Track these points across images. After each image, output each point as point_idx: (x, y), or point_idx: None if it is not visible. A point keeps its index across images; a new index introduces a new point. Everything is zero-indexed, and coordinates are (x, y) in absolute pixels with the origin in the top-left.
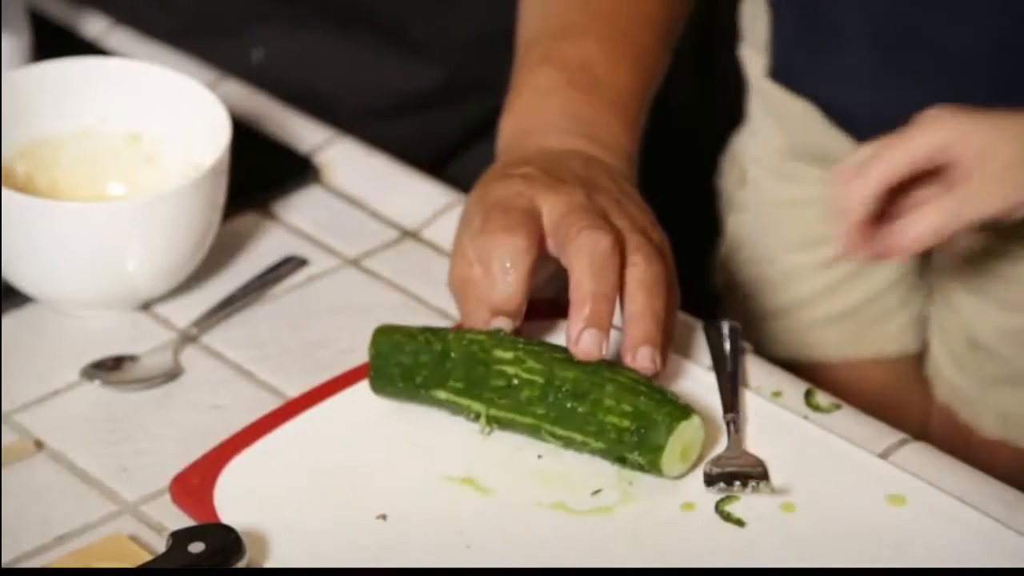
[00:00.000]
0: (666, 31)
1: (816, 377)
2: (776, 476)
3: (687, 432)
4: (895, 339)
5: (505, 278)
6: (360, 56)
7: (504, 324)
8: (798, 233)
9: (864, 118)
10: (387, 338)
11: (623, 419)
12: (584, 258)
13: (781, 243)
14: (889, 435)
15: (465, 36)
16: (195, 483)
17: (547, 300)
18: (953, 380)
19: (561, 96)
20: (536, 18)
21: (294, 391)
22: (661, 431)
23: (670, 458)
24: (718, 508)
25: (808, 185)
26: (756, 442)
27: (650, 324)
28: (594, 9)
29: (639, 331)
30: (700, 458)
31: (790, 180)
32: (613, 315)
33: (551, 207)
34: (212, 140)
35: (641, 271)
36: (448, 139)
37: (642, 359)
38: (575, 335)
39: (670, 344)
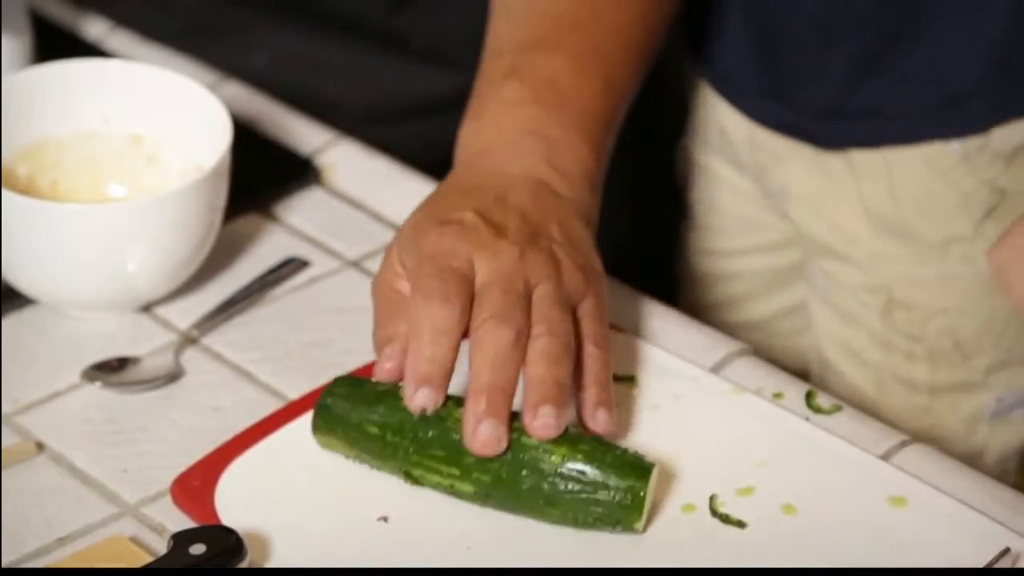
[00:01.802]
0: (641, 49)
1: None
2: (777, 477)
3: (650, 497)
4: (801, 355)
5: (435, 349)
6: (363, 61)
7: (427, 398)
8: (711, 242)
9: (749, 90)
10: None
11: (596, 521)
12: (485, 351)
13: (699, 248)
14: (890, 436)
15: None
16: (196, 485)
17: None
18: None
19: (526, 113)
20: (504, 27)
21: (295, 393)
22: (635, 519)
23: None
24: (716, 511)
25: (715, 188)
26: (757, 443)
27: (549, 388)
28: (565, 23)
29: (536, 394)
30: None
31: (707, 181)
32: (511, 406)
33: (482, 270)
34: (213, 142)
35: (544, 343)
36: (453, 145)
37: (541, 418)
38: (471, 429)
39: (609, 399)
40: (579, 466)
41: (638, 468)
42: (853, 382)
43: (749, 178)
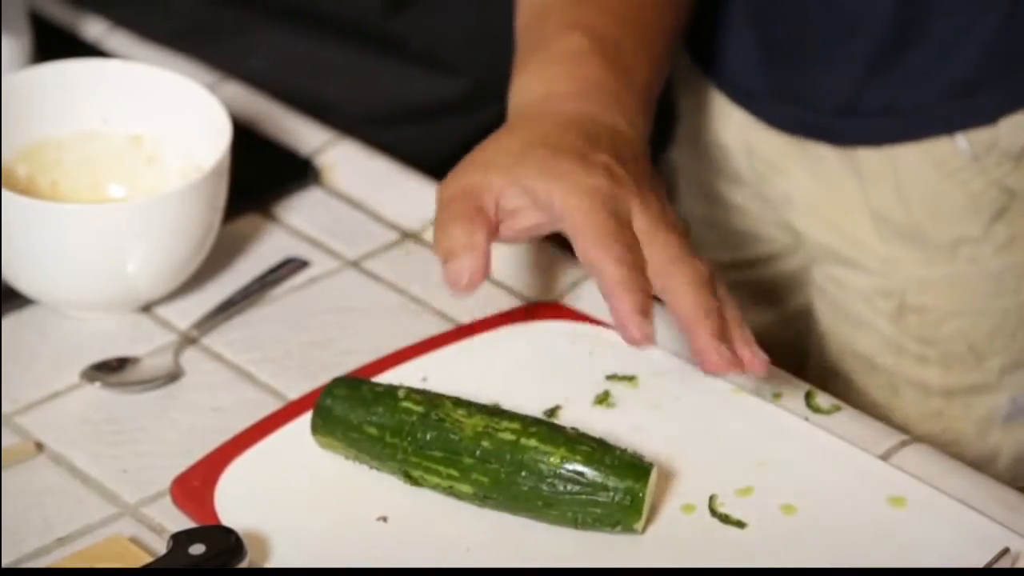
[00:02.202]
0: (670, 30)
1: None
2: (776, 477)
3: (649, 498)
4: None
5: (641, 283)
6: (362, 64)
7: (647, 327)
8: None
9: (757, 91)
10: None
11: (595, 522)
12: (694, 280)
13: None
14: (890, 436)
15: (489, 46)
16: (196, 485)
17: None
18: None
19: (594, 63)
20: None
21: (295, 393)
22: (634, 520)
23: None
24: (716, 511)
25: (707, 204)
26: (756, 443)
27: (713, 323)
28: None
29: (706, 335)
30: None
31: (700, 197)
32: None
33: (641, 218)
34: (213, 142)
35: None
36: (452, 147)
37: (720, 356)
38: (712, 350)
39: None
40: (578, 467)
41: (637, 469)
42: (864, 387)
43: (745, 190)
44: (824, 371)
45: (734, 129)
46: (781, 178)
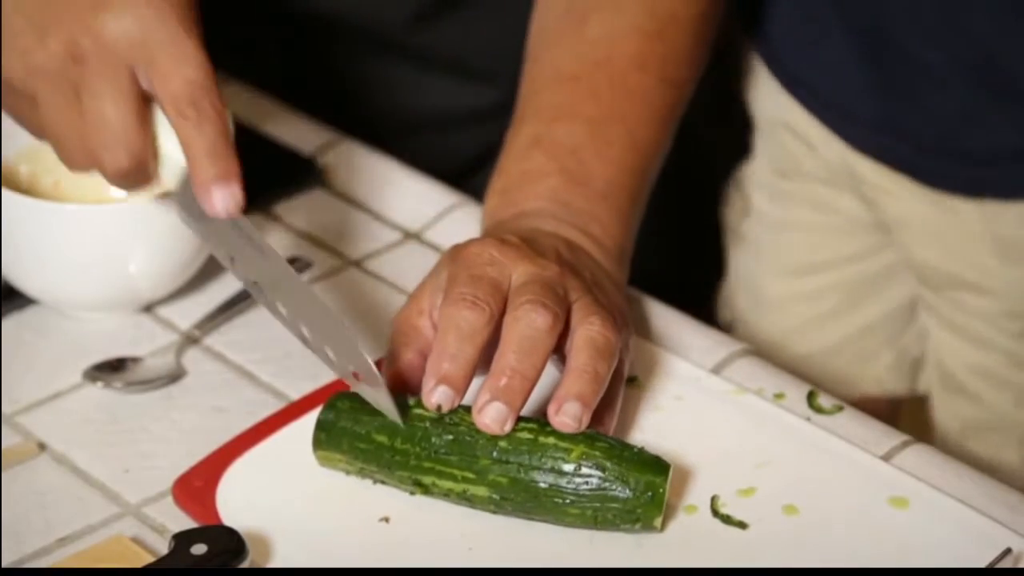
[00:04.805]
0: (665, 107)
1: None
2: (778, 478)
3: (665, 496)
4: (879, 381)
5: (458, 348)
6: (382, 74)
7: (444, 396)
8: (789, 259)
9: (853, 118)
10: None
11: (615, 519)
12: (518, 331)
13: (773, 270)
14: (892, 437)
15: (513, 55)
16: (197, 485)
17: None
18: (936, 424)
19: (552, 183)
20: (528, 87)
21: (296, 393)
22: (655, 516)
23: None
24: (717, 512)
25: (797, 206)
26: (758, 444)
27: (587, 383)
28: (583, 88)
29: (573, 386)
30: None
31: (784, 200)
32: (528, 394)
33: (519, 275)
34: None
35: (596, 331)
36: (478, 155)
37: (565, 414)
38: (482, 404)
39: (613, 422)
40: (598, 463)
41: (656, 465)
42: (992, 402)
43: (847, 199)
44: (947, 387)
45: (834, 151)
46: (892, 203)
